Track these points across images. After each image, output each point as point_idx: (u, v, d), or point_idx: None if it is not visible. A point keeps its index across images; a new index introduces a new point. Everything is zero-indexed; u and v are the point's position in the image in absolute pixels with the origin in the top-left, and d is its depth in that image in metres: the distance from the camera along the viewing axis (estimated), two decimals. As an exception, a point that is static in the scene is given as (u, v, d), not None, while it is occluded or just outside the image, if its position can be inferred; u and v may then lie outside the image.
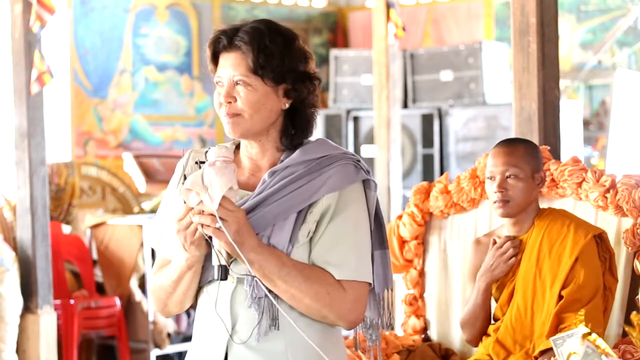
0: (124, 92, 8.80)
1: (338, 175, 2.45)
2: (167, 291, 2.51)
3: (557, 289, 3.36)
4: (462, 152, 8.38)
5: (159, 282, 2.53)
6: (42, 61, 5.27)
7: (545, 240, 3.44)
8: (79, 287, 6.73)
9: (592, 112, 8.39)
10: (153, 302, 2.60)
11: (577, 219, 3.50)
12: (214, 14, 9.32)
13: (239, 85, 2.44)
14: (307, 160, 2.46)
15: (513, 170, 3.45)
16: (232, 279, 2.44)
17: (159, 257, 2.59)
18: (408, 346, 3.99)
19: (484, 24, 9.21)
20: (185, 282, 2.47)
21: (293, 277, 2.38)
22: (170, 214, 2.51)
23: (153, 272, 2.60)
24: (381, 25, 7.26)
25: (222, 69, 2.46)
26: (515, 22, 4.14)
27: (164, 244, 2.56)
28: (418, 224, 4.13)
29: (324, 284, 2.40)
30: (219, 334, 2.46)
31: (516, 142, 3.56)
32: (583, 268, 3.36)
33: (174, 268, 2.47)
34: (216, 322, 2.46)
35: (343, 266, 2.42)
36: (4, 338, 5.36)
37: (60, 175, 7.21)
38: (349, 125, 8.90)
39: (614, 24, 8.43)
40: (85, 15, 8.55)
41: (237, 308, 2.45)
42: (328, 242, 2.43)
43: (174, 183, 2.59)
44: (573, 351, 2.32)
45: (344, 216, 2.43)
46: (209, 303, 2.49)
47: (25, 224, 5.42)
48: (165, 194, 2.63)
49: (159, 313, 2.61)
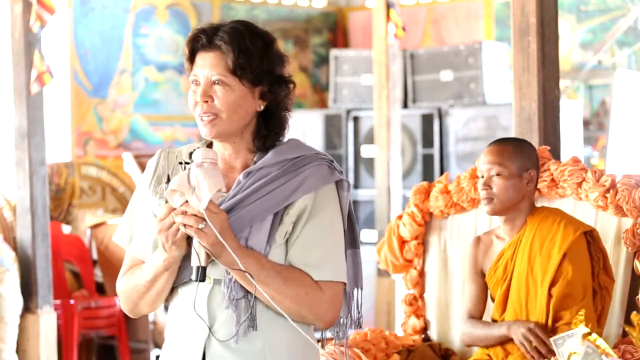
0: (124, 92, 8.80)
1: (313, 176, 2.47)
2: (140, 291, 2.51)
3: (547, 285, 3.38)
4: (462, 152, 8.38)
5: (131, 282, 2.53)
6: (42, 61, 5.27)
7: (537, 238, 3.46)
8: (79, 287, 6.73)
9: (592, 112, 8.39)
10: (122, 301, 2.59)
11: (568, 216, 3.51)
12: (214, 14, 9.32)
13: (216, 84, 2.44)
14: (282, 161, 2.47)
15: (497, 168, 3.48)
16: (210, 280, 2.45)
17: (129, 257, 2.59)
18: (408, 346, 3.99)
19: (484, 24, 9.21)
20: (160, 283, 2.47)
21: (272, 279, 2.39)
22: (142, 214, 2.54)
23: (122, 272, 2.59)
24: (381, 25, 7.26)
25: (199, 67, 2.45)
26: (515, 22, 4.14)
27: (135, 244, 2.56)
28: (418, 224, 4.13)
29: (302, 286, 2.42)
30: (196, 334, 2.46)
31: (506, 141, 3.59)
32: (571, 264, 3.37)
33: (149, 268, 2.47)
34: (193, 323, 2.46)
35: (321, 267, 2.44)
36: (4, 338, 5.36)
37: (60, 175, 7.21)
38: (349, 125, 8.90)
39: (614, 24, 8.43)
40: (85, 15, 8.55)
41: (215, 309, 2.45)
42: (305, 243, 2.45)
43: (145, 183, 2.57)
44: (574, 351, 2.32)
45: (320, 217, 2.46)
46: (183, 304, 2.49)
47: (25, 224, 5.42)
48: (134, 193, 2.62)
49: (128, 313, 2.60)
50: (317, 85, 10.07)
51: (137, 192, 2.61)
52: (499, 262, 3.54)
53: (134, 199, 2.60)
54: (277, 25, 9.74)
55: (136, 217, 2.57)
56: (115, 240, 2.63)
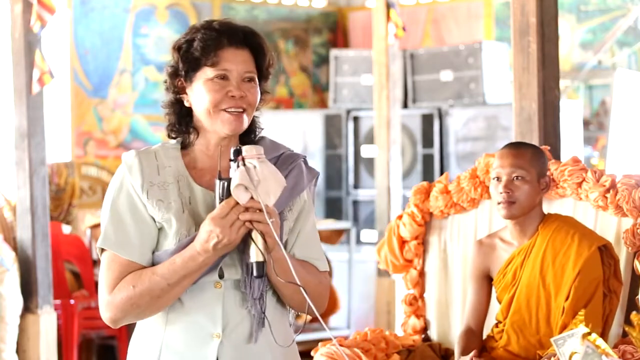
0: (124, 92, 8.80)
1: (302, 174, 2.58)
2: (155, 295, 2.43)
3: (562, 300, 3.37)
4: (462, 152, 8.37)
5: (140, 287, 2.43)
6: (43, 61, 5.27)
7: (550, 249, 3.44)
8: (79, 287, 6.73)
9: (592, 112, 8.38)
10: (117, 310, 2.46)
11: (582, 228, 3.49)
12: (214, 14, 9.32)
13: (248, 82, 2.51)
14: (271, 159, 2.52)
15: (520, 172, 3.45)
16: (220, 285, 2.47)
17: (118, 263, 2.46)
18: (408, 346, 3.98)
19: (484, 24, 9.21)
20: (185, 284, 2.44)
21: (298, 270, 2.46)
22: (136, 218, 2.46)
23: (113, 280, 2.46)
24: (381, 25, 7.25)
25: (230, 63, 2.49)
26: (515, 22, 4.14)
27: (133, 249, 2.47)
28: (418, 224, 4.13)
29: (317, 275, 2.57)
30: (204, 340, 2.46)
31: (524, 146, 3.58)
32: (586, 280, 3.37)
33: (174, 270, 2.41)
34: (203, 324, 2.46)
35: (320, 259, 2.60)
36: (4, 338, 5.36)
37: (60, 175, 7.21)
38: (348, 125, 8.90)
39: (614, 24, 8.42)
40: (85, 15, 8.55)
41: (228, 310, 2.46)
42: (307, 237, 2.58)
43: (135, 186, 2.49)
44: (574, 351, 2.32)
45: (311, 212, 2.61)
46: (187, 308, 2.47)
47: (25, 224, 5.41)
48: (114, 197, 2.50)
49: (116, 322, 2.47)
50: (317, 85, 10.07)
51: (120, 196, 2.50)
52: (508, 266, 3.52)
53: (118, 203, 2.49)
54: (277, 25, 9.74)
55: (128, 222, 2.48)
56: (104, 245, 2.48)
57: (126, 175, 2.51)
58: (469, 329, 3.60)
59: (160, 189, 2.48)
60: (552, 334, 3.35)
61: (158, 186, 2.48)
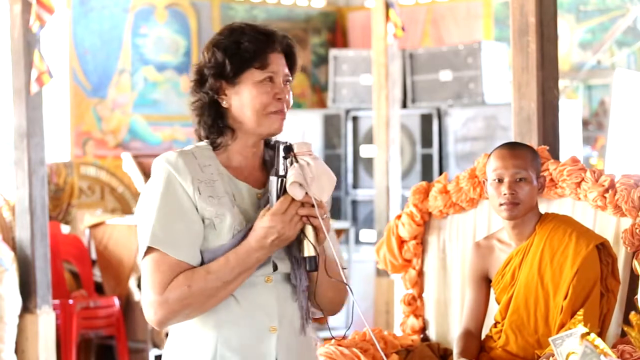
0: (123, 92, 8.80)
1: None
2: (211, 294, 2.45)
3: (560, 299, 3.37)
4: (461, 152, 8.37)
5: (196, 286, 2.43)
6: (42, 61, 5.27)
7: (547, 248, 3.43)
8: (78, 287, 6.73)
9: (591, 112, 8.39)
10: (171, 311, 2.44)
11: (579, 226, 3.49)
12: (213, 14, 9.32)
13: (287, 84, 2.59)
14: None
15: (523, 173, 3.44)
16: (270, 279, 2.53)
17: (168, 264, 2.45)
18: (407, 346, 3.98)
19: (483, 24, 9.21)
20: (239, 281, 2.48)
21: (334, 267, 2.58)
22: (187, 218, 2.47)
23: (165, 280, 2.44)
24: (380, 25, 7.25)
25: (277, 65, 2.57)
26: (514, 22, 4.14)
27: (184, 249, 2.46)
28: (417, 223, 4.12)
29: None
30: (265, 330, 2.51)
31: (521, 146, 3.56)
32: (584, 278, 3.37)
33: (230, 268, 2.45)
34: (260, 319, 2.51)
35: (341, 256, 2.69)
36: (3, 338, 5.36)
37: (59, 175, 7.21)
38: (348, 125, 8.90)
39: (613, 24, 8.43)
40: (85, 15, 8.55)
41: (281, 303, 2.54)
42: (331, 234, 2.62)
43: (185, 187, 2.49)
44: (572, 351, 2.32)
45: None
46: (245, 301, 2.51)
47: (24, 224, 5.41)
48: (162, 196, 2.49)
49: (164, 324, 2.48)
50: (316, 85, 10.07)
51: (167, 196, 2.48)
52: (506, 267, 3.52)
53: (165, 203, 2.48)
54: (276, 25, 9.57)
55: (178, 222, 2.46)
56: (154, 244, 2.45)
57: (172, 174, 2.49)
58: (467, 331, 3.60)
59: (207, 185, 2.51)
60: (550, 334, 3.34)
61: (205, 183, 2.51)
